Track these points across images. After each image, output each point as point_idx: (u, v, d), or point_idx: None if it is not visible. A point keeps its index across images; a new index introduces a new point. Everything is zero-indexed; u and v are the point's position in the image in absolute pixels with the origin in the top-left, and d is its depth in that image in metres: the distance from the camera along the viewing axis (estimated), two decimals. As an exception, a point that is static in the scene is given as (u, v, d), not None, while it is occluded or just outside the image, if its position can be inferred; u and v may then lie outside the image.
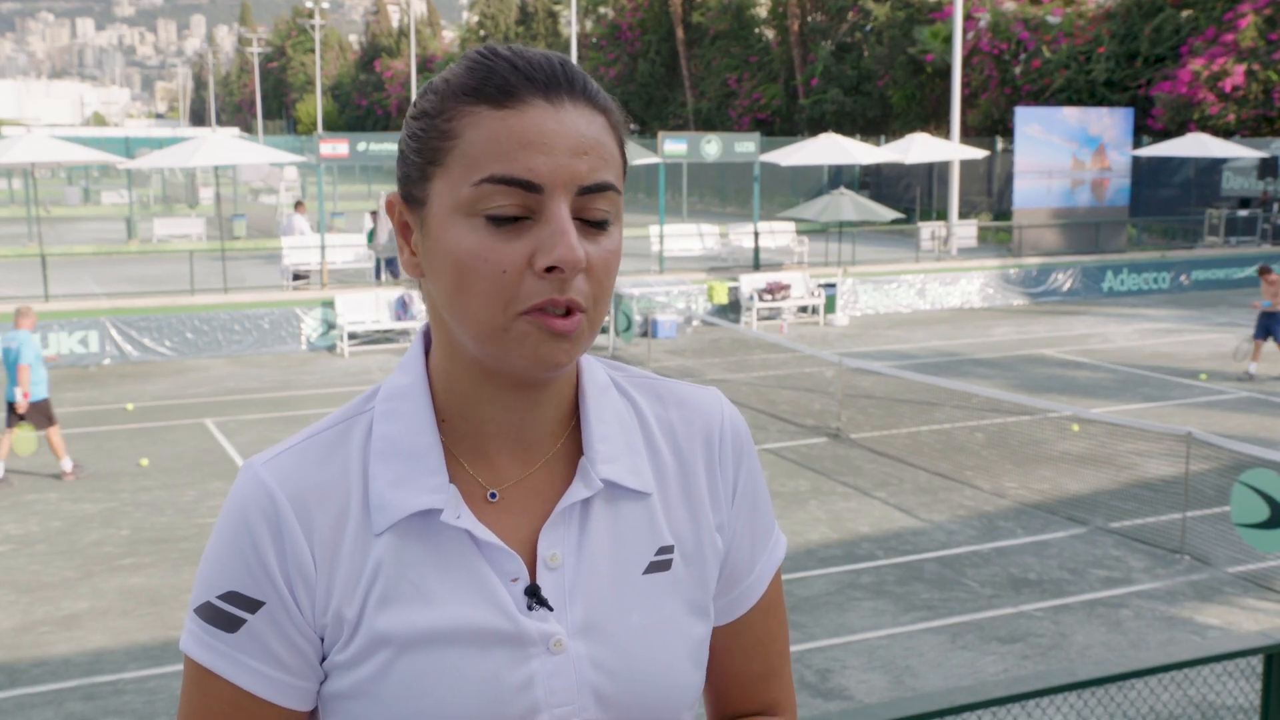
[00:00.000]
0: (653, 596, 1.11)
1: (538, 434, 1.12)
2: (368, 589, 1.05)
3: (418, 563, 1.06)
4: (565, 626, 1.07)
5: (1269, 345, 15.18)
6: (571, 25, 40.75)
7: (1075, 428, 12.40)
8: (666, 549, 1.13)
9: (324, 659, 1.08)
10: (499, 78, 1.01)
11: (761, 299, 19.61)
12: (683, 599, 1.13)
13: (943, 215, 30.43)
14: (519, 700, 1.05)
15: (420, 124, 1.05)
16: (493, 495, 1.10)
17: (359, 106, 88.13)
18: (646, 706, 1.09)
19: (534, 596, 1.07)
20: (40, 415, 10.64)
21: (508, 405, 1.09)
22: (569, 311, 1.01)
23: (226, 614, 1.06)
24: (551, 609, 1.07)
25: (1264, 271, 15.24)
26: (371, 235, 21.01)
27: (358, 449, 1.09)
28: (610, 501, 1.12)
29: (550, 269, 0.99)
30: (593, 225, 1.03)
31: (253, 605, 1.05)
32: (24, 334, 10.64)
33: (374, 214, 22.23)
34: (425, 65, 72.46)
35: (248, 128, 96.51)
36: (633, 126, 53.53)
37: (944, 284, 21.99)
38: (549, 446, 1.12)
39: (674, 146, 21.41)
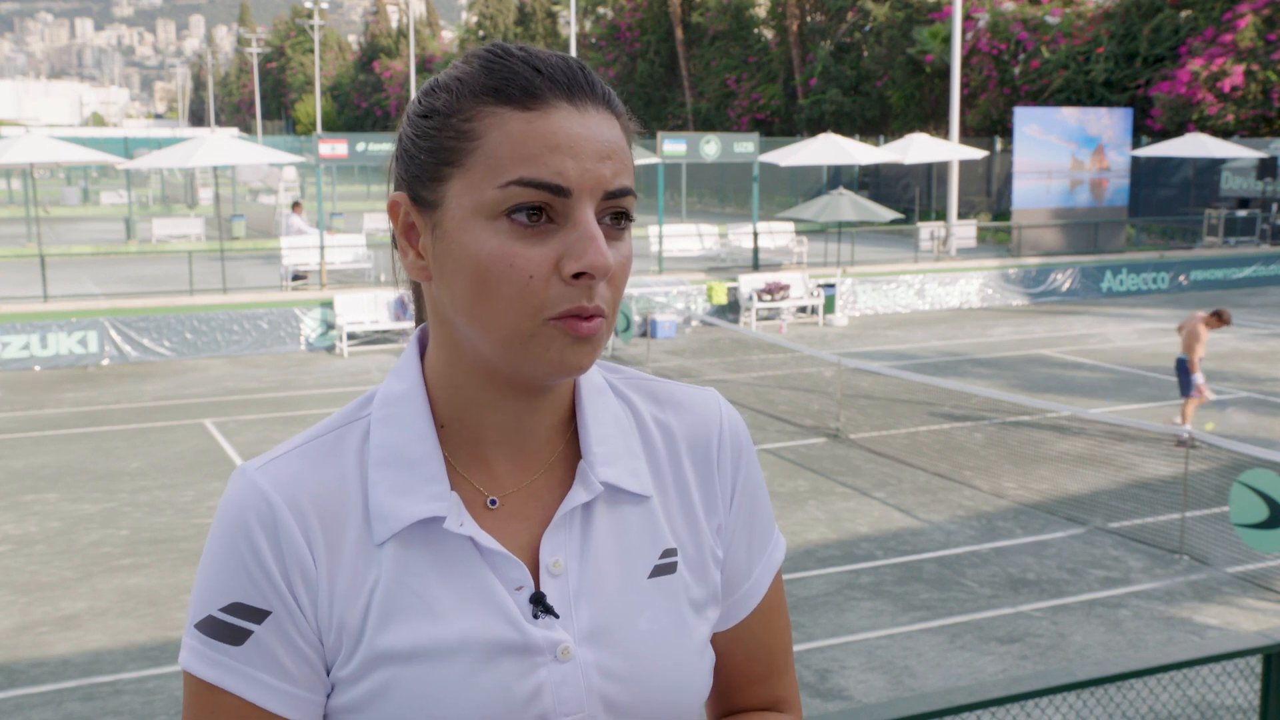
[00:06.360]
0: (659, 600, 1.09)
1: (536, 439, 1.10)
2: (369, 600, 1.03)
3: (421, 572, 1.03)
4: (572, 633, 1.05)
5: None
6: (570, 25, 40.76)
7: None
8: (670, 552, 1.11)
9: (328, 670, 1.05)
10: (522, 79, 0.99)
11: (760, 299, 19.60)
12: (688, 602, 1.12)
13: (942, 215, 30.43)
14: (527, 710, 1.03)
15: (432, 123, 1.02)
16: (493, 502, 1.08)
17: (358, 107, 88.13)
18: (656, 712, 1.08)
19: (539, 604, 1.05)
20: None
21: (510, 411, 1.07)
22: (591, 315, 1.00)
23: (231, 626, 1.02)
24: (557, 616, 1.05)
25: (1219, 317, 11.50)
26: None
27: (354, 456, 1.07)
28: (611, 505, 1.10)
29: (578, 275, 0.98)
30: (614, 229, 1.02)
31: (258, 615, 1.02)
32: None
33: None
34: (424, 66, 72.42)
35: (247, 128, 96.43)
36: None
37: (943, 284, 21.99)
38: (548, 452, 1.11)
39: (673, 147, 21.39)
